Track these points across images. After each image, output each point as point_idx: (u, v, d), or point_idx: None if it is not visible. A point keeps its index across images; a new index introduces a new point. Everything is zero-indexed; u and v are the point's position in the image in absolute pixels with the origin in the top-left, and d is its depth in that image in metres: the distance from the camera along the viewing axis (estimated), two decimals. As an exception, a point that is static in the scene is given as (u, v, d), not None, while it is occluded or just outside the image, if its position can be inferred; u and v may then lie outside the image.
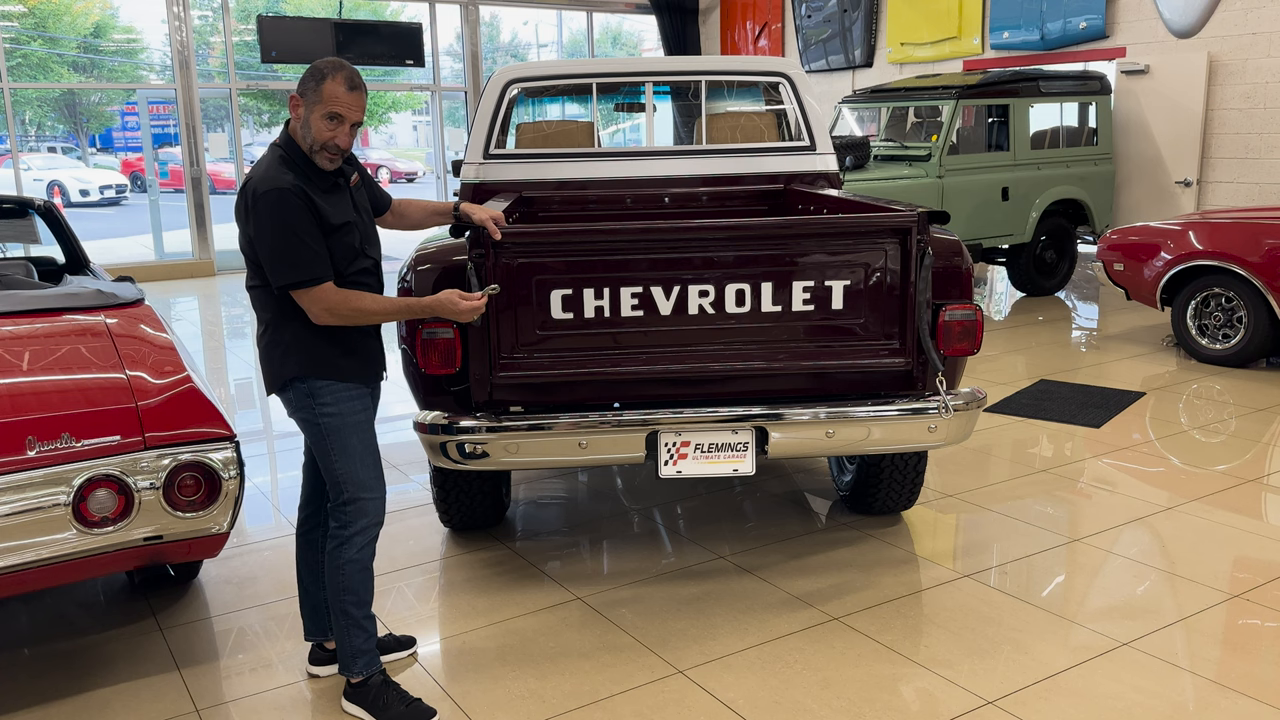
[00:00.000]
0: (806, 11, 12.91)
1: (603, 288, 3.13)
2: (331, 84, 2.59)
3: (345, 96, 2.61)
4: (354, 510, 2.76)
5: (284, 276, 2.58)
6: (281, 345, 2.70)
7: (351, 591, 2.78)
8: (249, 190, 2.59)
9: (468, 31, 13.71)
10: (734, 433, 3.26)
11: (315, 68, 2.62)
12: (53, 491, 2.72)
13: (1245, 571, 3.60)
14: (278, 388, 2.76)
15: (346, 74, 2.62)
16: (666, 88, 5.38)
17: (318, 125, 2.62)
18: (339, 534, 2.77)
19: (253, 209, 2.57)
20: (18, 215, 4.96)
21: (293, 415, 2.78)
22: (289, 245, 2.55)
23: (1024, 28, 10.51)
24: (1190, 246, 6.54)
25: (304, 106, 2.62)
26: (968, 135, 8.89)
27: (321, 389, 2.71)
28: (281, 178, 2.57)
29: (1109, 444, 5.05)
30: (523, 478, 4.73)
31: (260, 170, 2.61)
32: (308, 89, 2.61)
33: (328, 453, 2.74)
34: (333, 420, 2.72)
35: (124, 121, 25.82)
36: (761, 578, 3.63)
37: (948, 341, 3.30)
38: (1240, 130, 8.99)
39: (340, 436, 2.73)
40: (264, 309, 2.71)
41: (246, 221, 2.61)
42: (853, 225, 3.18)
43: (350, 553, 2.76)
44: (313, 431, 2.75)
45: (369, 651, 2.83)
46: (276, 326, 2.70)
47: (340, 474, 2.74)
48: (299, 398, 2.73)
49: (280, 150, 2.65)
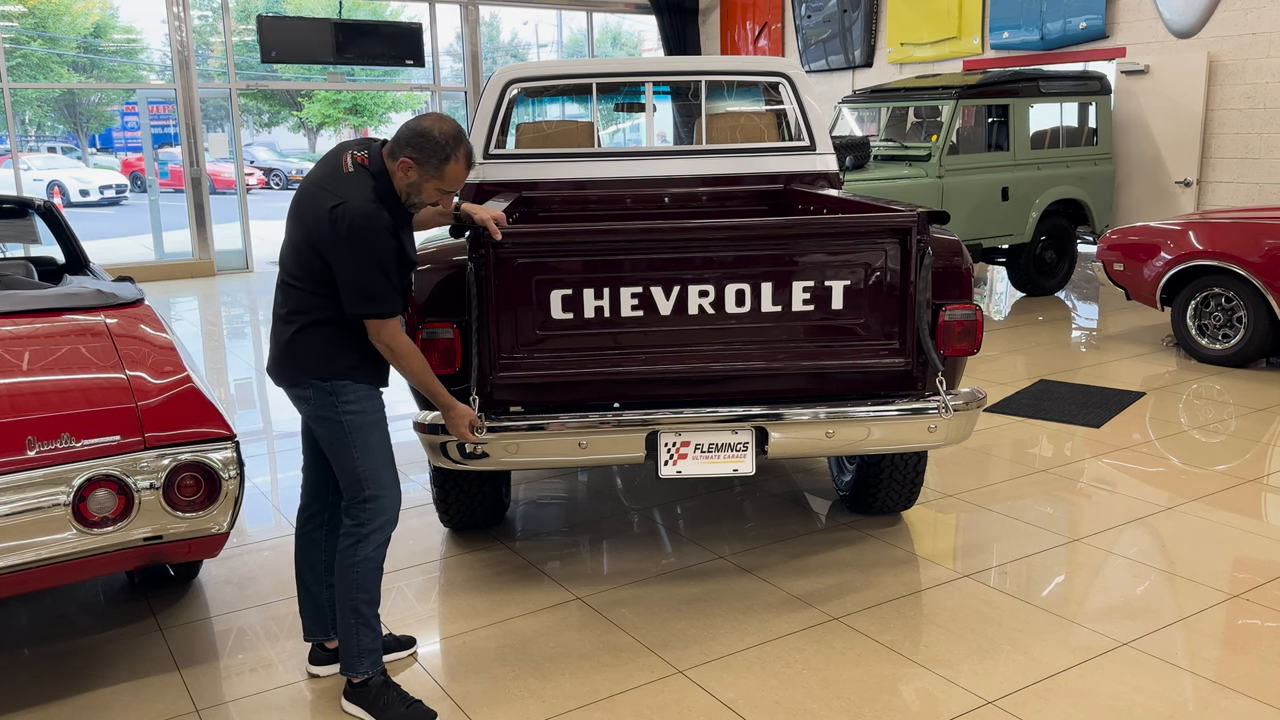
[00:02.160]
0: (806, 11, 12.91)
1: (603, 288, 3.13)
2: (454, 166, 2.65)
3: (463, 177, 2.68)
4: (373, 508, 2.76)
5: (363, 306, 2.61)
6: (310, 343, 2.70)
7: (364, 590, 2.78)
8: (343, 216, 2.55)
9: (468, 31, 13.72)
10: (734, 433, 3.26)
11: (437, 143, 2.61)
12: (53, 491, 2.72)
13: (1245, 571, 3.60)
14: (294, 384, 2.75)
15: (466, 151, 2.66)
16: (666, 88, 5.38)
17: (429, 193, 2.69)
18: (356, 531, 2.76)
19: (346, 236, 2.55)
20: (18, 215, 4.95)
21: (309, 413, 2.77)
22: (375, 278, 2.59)
23: (1024, 28, 10.51)
24: (1190, 246, 6.54)
25: (418, 172, 2.64)
26: (968, 135, 8.89)
27: (344, 388, 2.72)
28: (380, 212, 2.59)
29: (1109, 444, 5.05)
30: (523, 478, 4.73)
31: (355, 197, 2.58)
32: (429, 163, 2.62)
33: (349, 450, 2.73)
34: (355, 418, 2.73)
35: (124, 121, 25.83)
36: (761, 578, 3.63)
37: (948, 341, 3.30)
38: (1240, 130, 8.99)
39: (363, 434, 2.74)
40: (299, 309, 2.70)
41: (330, 241, 2.58)
42: (853, 225, 3.18)
43: (366, 550, 2.76)
44: (334, 430, 2.74)
45: (375, 651, 2.83)
46: (310, 326, 2.69)
47: (361, 471, 2.74)
48: (320, 396, 2.72)
49: (374, 183, 2.64)
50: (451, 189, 2.70)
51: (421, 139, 2.62)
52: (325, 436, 2.78)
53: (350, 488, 2.78)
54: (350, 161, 2.67)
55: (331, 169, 2.68)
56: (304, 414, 2.80)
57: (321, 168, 2.72)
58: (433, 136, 2.62)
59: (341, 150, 2.73)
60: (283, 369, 2.77)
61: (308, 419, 2.80)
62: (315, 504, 3.00)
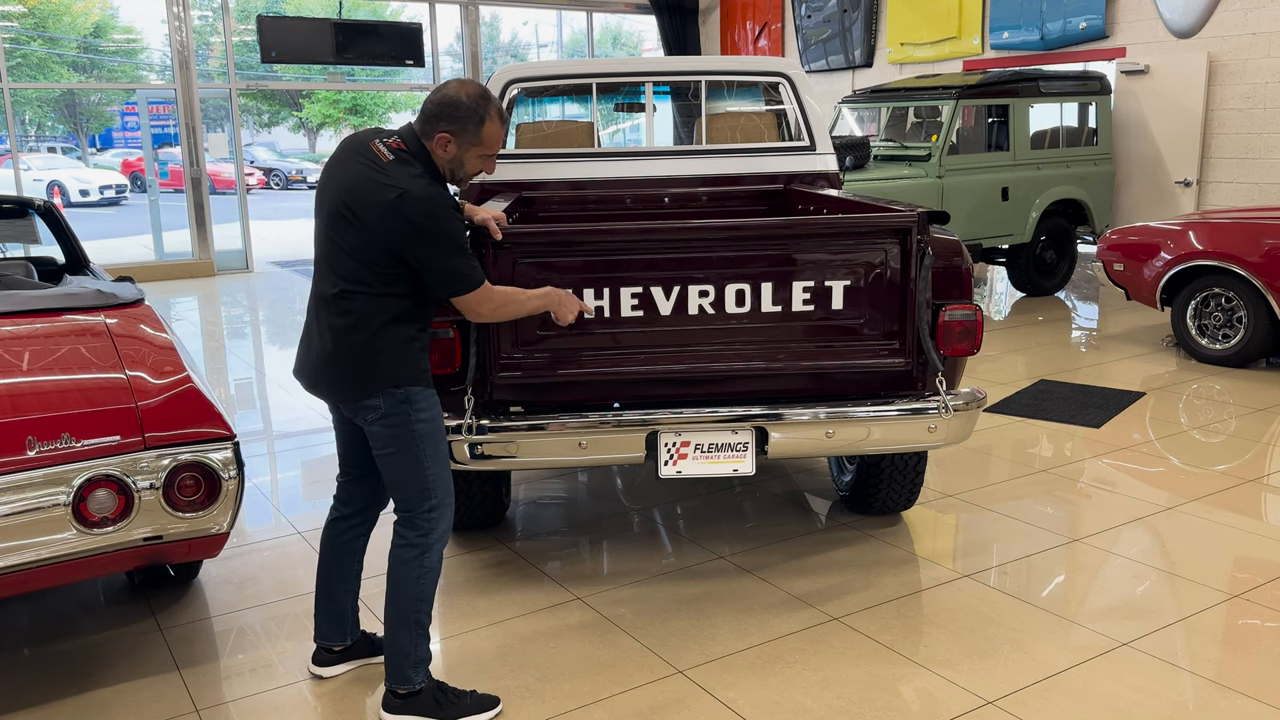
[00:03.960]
0: (806, 12, 12.91)
1: (603, 288, 3.14)
2: (491, 127, 2.60)
3: (501, 134, 2.64)
4: (437, 516, 2.71)
5: (456, 284, 2.57)
6: (388, 350, 2.60)
7: (427, 600, 2.73)
8: (410, 202, 2.46)
9: (468, 31, 13.72)
10: (734, 433, 3.26)
11: (466, 107, 2.55)
12: (53, 491, 2.72)
13: (1245, 571, 3.60)
14: (363, 395, 2.62)
15: (497, 107, 2.62)
16: (666, 88, 5.39)
17: (473, 163, 2.65)
18: (421, 542, 2.70)
19: (421, 222, 2.47)
20: (18, 215, 4.96)
21: (377, 422, 2.64)
22: (459, 257, 2.55)
23: (1024, 28, 10.51)
24: (1190, 246, 6.54)
25: (456, 145, 2.59)
26: (967, 135, 8.89)
27: (417, 395, 2.64)
28: (440, 191, 2.55)
29: (1109, 444, 5.05)
30: (522, 478, 4.73)
31: (414, 184, 2.50)
32: (465, 131, 2.57)
33: (420, 459, 2.66)
34: (428, 425, 2.67)
35: (124, 122, 25.85)
36: (761, 578, 3.63)
37: (947, 341, 3.30)
38: (1240, 130, 8.99)
39: (434, 442, 2.69)
40: (370, 314, 2.58)
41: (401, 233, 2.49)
42: (853, 225, 3.18)
43: (431, 560, 2.71)
44: (405, 439, 2.64)
45: (428, 659, 2.79)
46: (385, 331, 2.59)
47: (432, 479, 2.68)
48: (393, 405, 2.62)
49: (420, 166, 2.57)
50: (493, 152, 2.64)
51: (451, 109, 2.55)
52: (393, 446, 2.65)
53: (416, 497, 2.68)
54: (385, 150, 2.57)
55: (368, 163, 2.55)
56: (367, 424, 2.65)
57: (352, 165, 2.58)
58: (462, 102, 2.55)
59: (364, 142, 2.62)
60: (349, 381, 2.62)
61: (374, 429, 2.65)
62: (359, 515, 2.95)
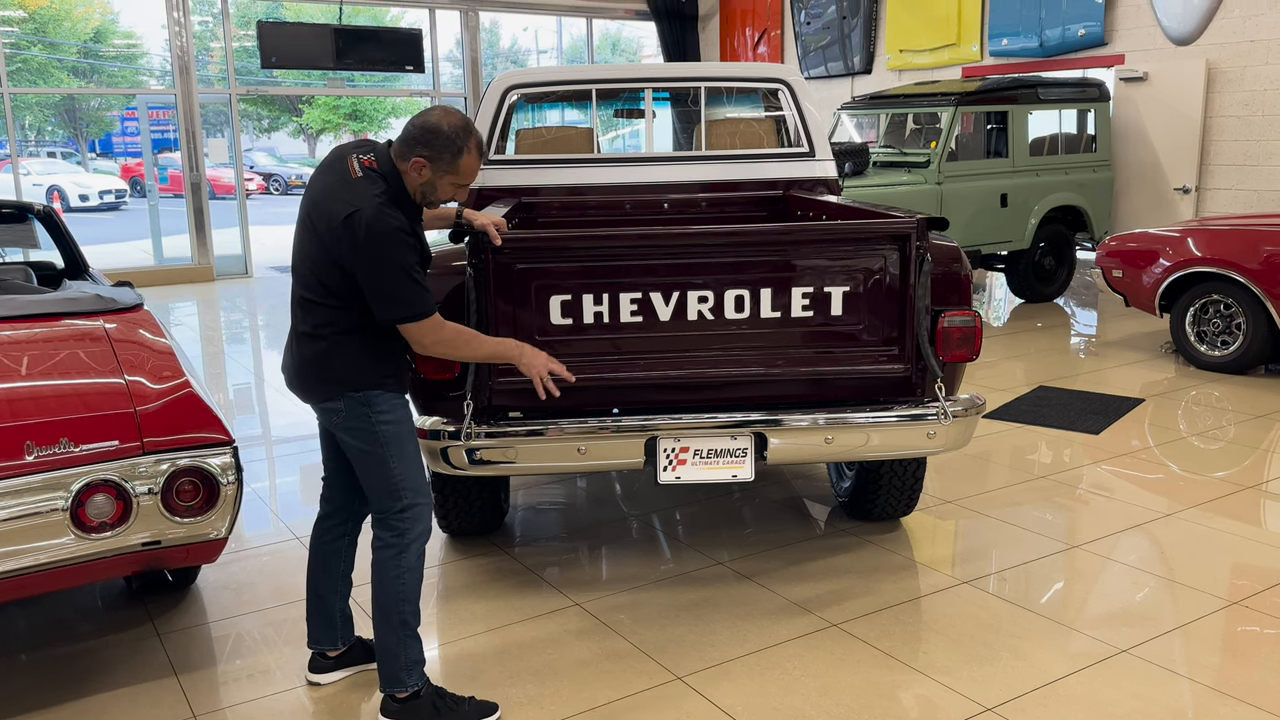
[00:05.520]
0: (806, 18, 12.93)
1: (602, 293, 3.14)
2: (468, 159, 2.60)
3: (477, 166, 2.64)
4: (411, 516, 2.73)
5: (396, 310, 2.56)
6: (339, 358, 2.64)
7: (410, 600, 2.74)
8: (359, 224, 2.49)
9: (468, 37, 13.74)
10: (733, 439, 3.26)
11: (445, 136, 2.56)
12: (51, 496, 2.72)
13: (1244, 578, 3.60)
14: (326, 398, 2.69)
15: (477, 141, 2.62)
16: (666, 94, 5.39)
17: (445, 189, 2.65)
18: (396, 543, 2.72)
19: (365, 244, 2.49)
20: (17, 220, 4.95)
21: (341, 425, 2.70)
22: (403, 282, 2.53)
23: (1023, 35, 10.53)
24: (1189, 253, 6.55)
25: (431, 170, 2.59)
26: (967, 142, 8.90)
27: (377, 398, 2.68)
28: (397, 215, 2.54)
29: (1108, 450, 5.05)
30: (521, 483, 4.72)
31: (369, 204, 2.51)
32: (442, 160, 2.58)
33: (385, 461, 2.69)
34: (391, 427, 2.69)
35: (124, 127, 25.84)
36: (760, 584, 3.62)
37: (947, 348, 3.30)
38: (1239, 137, 9.00)
39: (399, 443, 2.71)
40: (323, 323, 2.63)
41: (348, 250, 2.52)
42: (852, 231, 3.18)
43: (410, 560, 2.73)
44: (369, 441, 2.68)
45: (422, 662, 2.79)
46: (336, 340, 2.63)
47: (399, 480, 2.70)
48: (353, 408, 2.67)
49: (384, 185, 2.58)
50: (467, 182, 2.66)
51: (431, 135, 2.56)
52: (358, 449, 2.71)
53: (386, 498, 2.72)
54: (357, 166, 2.61)
55: (338, 176, 2.60)
56: (334, 427, 2.73)
57: (326, 175, 2.64)
58: (442, 132, 2.56)
59: (343, 155, 2.67)
60: (311, 384, 2.71)
61: (338, 432, 2.73)
62: (338, 515, 2.96)
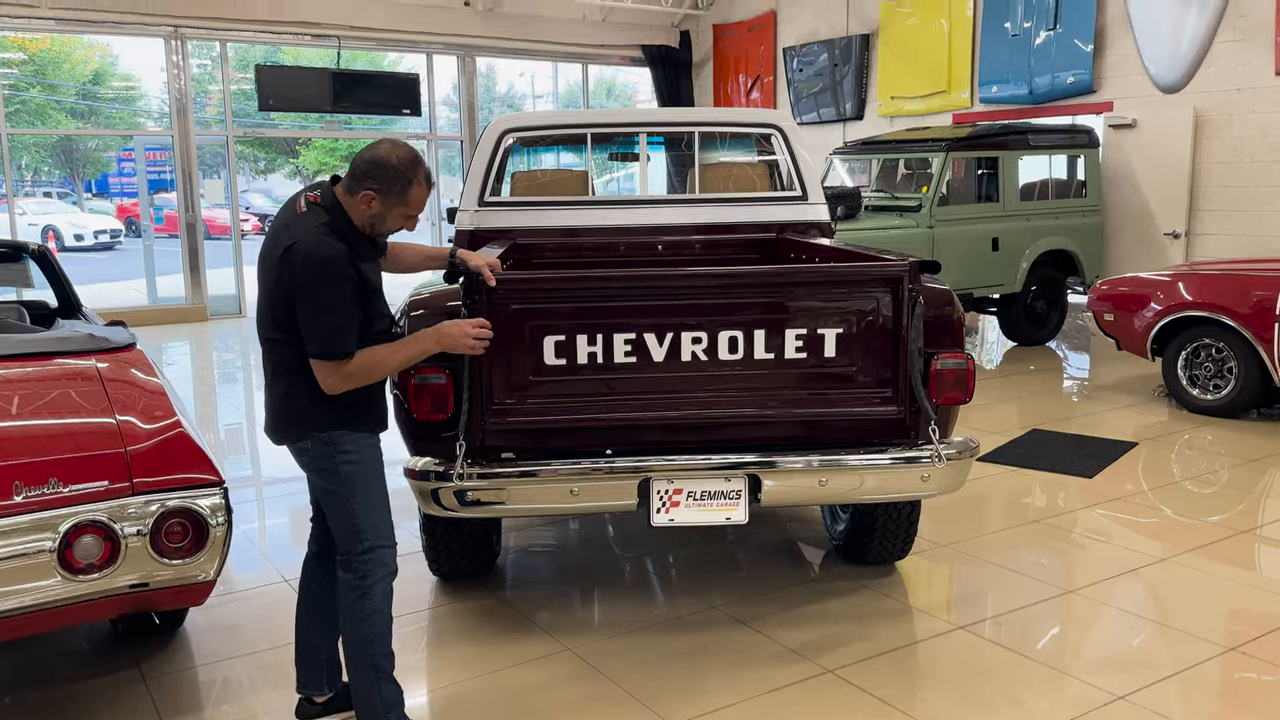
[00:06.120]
0: (798, 66, 13.10)
1: (596, 334, 3.14)
2: (417, 190, 2.62)
3: (425, 197, 2.66)
4: (373, 559, 2.71)
5: (320, 345, 2.56)
6: (301, 397, 2.66)
7: (380, 642, 2.72)
8: (297, 253, 2.53)
9: (464, 82, 13.88)
10: (727, 480, 3.25)
11: (393, 169, 2.58)
12: (39, 537, 2.69)
13: (1241, 624, 3.57)
14: (293, 439, 2.71)
15: (425, 173, 2.65)
16: (660, 138, 5.44)
17: (394, 221, 2.67)
18: (359, 585, 2.71)
19: (300, 274, 2.52)
20: (11, 259, 4.96)
21: (309, 466, 2.73)
22: (332, 316, 2.55)
23: (1012, 82, 10.67)
24: (1180, 298, 6.58)
25: (380, 203, 2.61)
26: (958, 186, 8.98)
27: (341, 438, 2.68)
28: (333, 245, 2.55)
29: (1102, 494, 5.04)
30: (513, 525, 4.69)
31: (306, 235, 2.55)
32: (391, 192, 2.60)
33: (348, 501, 2.69)
34: (355, 468, 2.69)
35: (120, 167, 25.96)
36: (755, 629, 3.59)
37: (940, 390, 3.30)
38: (1227, 183, 9.10)
39: (362, 483, 2.70)
40: (282, 361, 2.67)
41: (288, 283, 2.55)
42: (845, 274, 3.19)
43: (374, 603, 2.71)
44: (333, 481, 2.69)
45: (399, 705, 2.76)
46: (297, 378, 2.65)
47: (361, 522, 2.70)
48: (318, 448, 2.69)
49: (326, 218, 2.61)
50: (415, 213, 2.68)
51: (379, 169, 2.59)
52: (323, 488, 2.74)
53: (348, 539, 2.72)
54: (304, 203, 2.66)
55: (288, 214, 2.67)
56: (304, 467, 2.76)
57: (279, 216, 2.70)
58: (390, 165, 2.59)
59: (297, 195, 2.72)
60: (279, 425, 2.74)
61: (307, 472, 2.76)
62: (326, 554, 2.94)
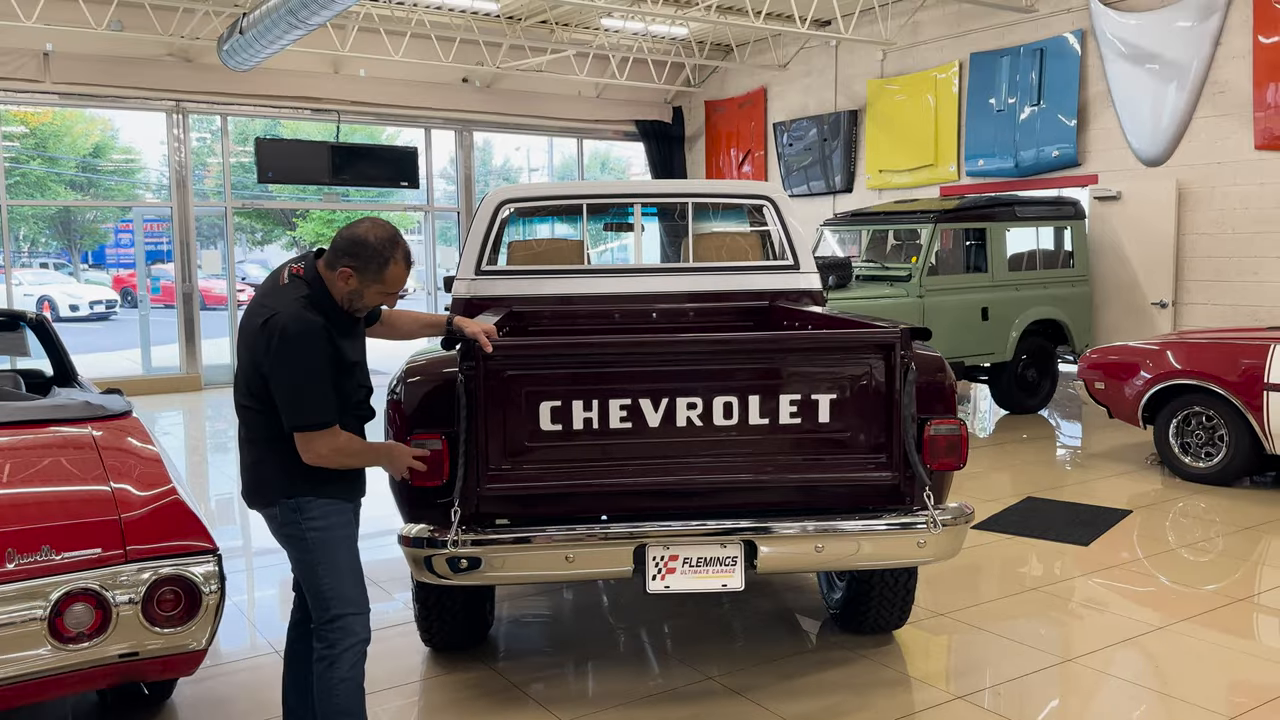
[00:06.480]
0: (788, 140, 13.36)
1: (591, 400, 3.16)
2: (395, 269, 2.66)
3: (405, 277, 2.69)
4: (340, 628, 2.70)
5: (298, 418, 2.59)
6: (270, 463, 2.70)
7: (348, 713, 2.69)
8: (275, 325, 2.57)
9: (461, 155, 14.10)
10: (722, 546, 3.24)
11: (372, 248, 2.62)
12: (29, 605, 2.66)
13: (1240, 694, 3.54)
14: (264, 504, 2.75)
15: (404, 252, 2.68)
16: (654, 209, 5.54)
17: (372, 298, 2.70)
18: (327, 654, 2.70)
19: (277, 345, 2.56)
20: (8, 328, 4.98)
21: (278, 532, 2.76)
22: (309, 388, 2.58)
23: (998, 156, 10.89)
24: (1169, 366, 6.64)
25: (358, 280, 2.65)
26: (946, 257, 9.10)
27: (309, 504, 2.70)
28: (311, 318, 2.59)
29: (1098, 562, 5.02)
30: (506, 594, 4.65)
31: (286, 307, 2.59)
32: (368, 270, 2.63)
33: (314, 568, 2.70)
34: (320, 535, 2.70)
35: (117, 238, 26.16)
36: (751, 699, 3.54)
37: (933, 455, 3.32)
38: (1211, 254, 9.24)
39: (327, 550, 2.71)
40: (254, 428, 2.71)
41: (265, 353, 2.59)
42: (838, 341, 3.23)
43: (341, 671, 2.69)
44: (299, 548, 2.72)
45: None
46: (267, 446, 2.70)
47: (326, 590, 2.70)
48: (286, 514, 2.71)
49: (306, 291, 2.65)
50: (394, 290, 2.71)
51: (358, 247, 2.63)
52: (292, 555, 2.75)
53: (317, 608, 2.73)
54: (287, 275, 2.70)
55: (270, 285, 2.71)
56: (274, 534, 2.77)
57: (263, 286, 2.75)
58: (369, 244, 2.63)
59: (282, 267, 2.77)
60: (251, 491, 2.77)
61: (277, 538, 2.77)
62: (306, 621, 2.92)
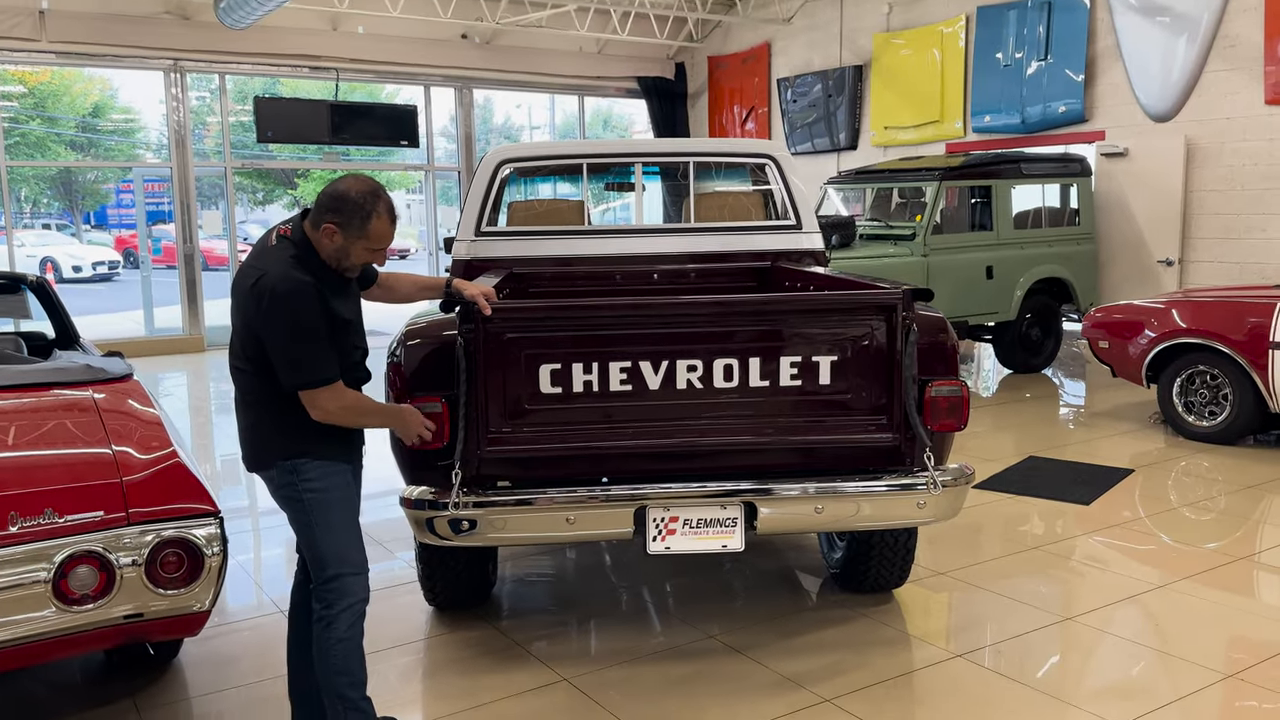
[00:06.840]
0: (792, 97, 13.22)
1: (591, 362, 3.15)
2: (378, 223, 2.62)
3: (390, 231, 2.66)
4: (337, 588, 2.72)
5: (298, 377, 2.59)
6: (266, 426, 2.71)
7: (345, 672, 2.71)
8: (264, 287, 2.55)
9: (462, 114, 13.98)
10: (722, 508, 3.25)
11: (353, 202, 2.59)
12: (33, 568, 2.68)
13: (1240, 651, 3.56)
14: (261, 467, 2.76)
15: (387, 205, 2.64)
16: (656, 168, 5.48)
17: (359, 255, 2.66)
18: (325, 614, 2.72)
19: (268, 307, 2.55)
20: (10, 290, 4.97)
21: (276, 493, 2.77)
22: (306, 347, 2.57)
23: (1005, 112, 10.77)
24: (1174, 324, 6.61)
25: (342, 237, 2.62)
26: (951, 215, 9.03)
27: (305, 465, 2.70)
28: (300, 277, 2.57)
29: (1099, 521, 5.04)
30: (509, 554, 4.68)
31: (275, 268, 2.58)
32: (351, 225, 2.60)
33: (311, 529, 2.72)
34: (316, 496, 2.71)
35: (119, 199, 26.06)
36: (752, 658, 3.57)
37: (934, 417, 3.31)
38: (1219, 211, 9.17)
39: (324, 512, 2.71)
40: (250, 391, 2.72)
41: (257, 315, 2.58)
42: (839, 302, 3.22)
43: (339, 631, 2.70)
44: (296, 509, 2.73)
45: None
46: (262, 408, 2.70)
47: (323, 550, 2.71)
48: (282, 475, 2.72)
49: (294, 251, 2.63)
50: (380, 246, 2.68)
51: (340, 202, 2.60)
52: (290, 516, 2.77)
53: (315, 568, 2.75)
54: (275, 236, 2.69)
55: (260, 247, 2.70)
56: (272, 495, 2.78)
57: (253, 249, 2.73)
58: (350, 198, 2.60)
59: (270, 229, 2.75)
60: (249, 454, 2.79)
61: (275, 499, 2.78)
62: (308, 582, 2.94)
